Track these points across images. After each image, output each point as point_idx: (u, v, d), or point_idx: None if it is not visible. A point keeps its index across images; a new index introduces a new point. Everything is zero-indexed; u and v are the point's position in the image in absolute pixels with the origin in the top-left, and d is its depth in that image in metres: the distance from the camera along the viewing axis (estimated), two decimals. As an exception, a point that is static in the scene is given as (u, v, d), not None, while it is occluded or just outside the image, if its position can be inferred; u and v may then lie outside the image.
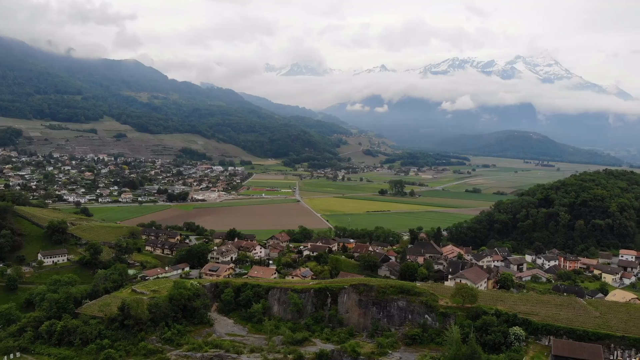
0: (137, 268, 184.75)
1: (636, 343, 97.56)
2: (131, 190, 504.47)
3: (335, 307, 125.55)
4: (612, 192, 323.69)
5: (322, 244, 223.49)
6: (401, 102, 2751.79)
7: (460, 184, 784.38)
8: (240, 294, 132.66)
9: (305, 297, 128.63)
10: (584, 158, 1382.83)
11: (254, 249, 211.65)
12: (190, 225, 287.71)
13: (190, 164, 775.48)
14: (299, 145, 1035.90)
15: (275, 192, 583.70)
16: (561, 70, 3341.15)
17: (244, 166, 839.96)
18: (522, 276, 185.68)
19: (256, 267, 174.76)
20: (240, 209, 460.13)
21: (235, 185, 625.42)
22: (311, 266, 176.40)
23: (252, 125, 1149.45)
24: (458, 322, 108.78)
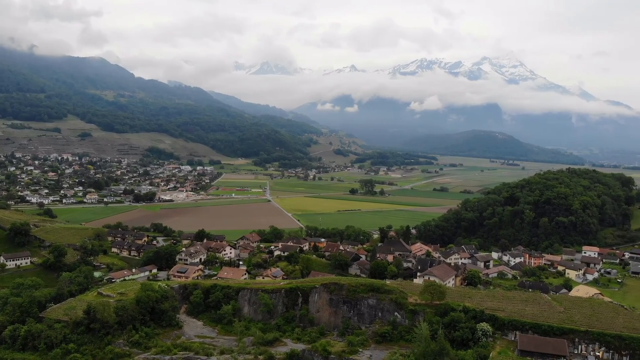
0: (103, 270, 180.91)
1: (599, 337, 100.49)
2: (97, 190, 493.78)
3: (306, 306, 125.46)
4: (575, 190, 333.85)
5: (293, 243, 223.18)
6: (371, 102, 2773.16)
7: (429, 183, 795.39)
8: (209, 296, 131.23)
9: (276, 298, 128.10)
10: (548, 157, 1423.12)
11: (223, 249, 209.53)
12: (158, 226, 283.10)
13: (157, 164, 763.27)
14: (270, 144, 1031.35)
15: (245, 192, 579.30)
16: (526, 72, 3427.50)
17: (213, 166, 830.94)
18: (489, 273, 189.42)
19: (226, 268, 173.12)
20: (210, 209, 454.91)
21: (204, 185, 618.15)
22: (282, 266, 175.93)
23: (222, 124, 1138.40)
24: (427, 319, 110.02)
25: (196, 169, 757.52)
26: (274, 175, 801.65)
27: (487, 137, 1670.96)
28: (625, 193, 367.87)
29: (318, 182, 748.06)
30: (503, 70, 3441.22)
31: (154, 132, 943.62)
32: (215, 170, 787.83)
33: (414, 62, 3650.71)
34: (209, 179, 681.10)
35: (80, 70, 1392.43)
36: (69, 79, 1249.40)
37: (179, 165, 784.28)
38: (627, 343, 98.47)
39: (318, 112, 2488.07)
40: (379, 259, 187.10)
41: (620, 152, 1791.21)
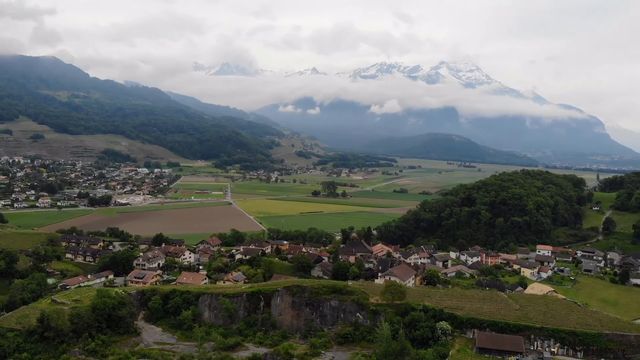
0: (57, 277, 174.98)
1: (554, 334, 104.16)
2: (50, 194, 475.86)
3: (268, 310, 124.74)
4: (529, 191, 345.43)
5: (255, 246, 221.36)
6: (332, 104, 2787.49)
7: (389, 184, 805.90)
8: (168, 301, 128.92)
9: (238, 302, 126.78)
10: (503, 159, 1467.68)
11: (182, 254, 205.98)
12: (114, 230, 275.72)
13: (113, 166, 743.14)
14: (231, 146, 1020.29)
15: (205, 195, 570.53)
16: (482, 76, 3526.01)
17: (172, 168, 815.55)
18: (447, 272, 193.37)
19: (185, 273, 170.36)
20: (168, 212, 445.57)
21: (162, 188, 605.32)
22: (244, 270, 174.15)
23: (180, 126, 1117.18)
24: (388, 319, 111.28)
25: (154, 172, 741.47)
26: (235, 177, 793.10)
27: (444, 140, 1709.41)
28: (576, 193, 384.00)
29: (280, 185, 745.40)
30: (460, 74, 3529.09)
31: (109, 134, 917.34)
32: (173, 172, 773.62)
33: (374, 65, 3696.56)
34: (167, 181, 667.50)
35: (32, 69, 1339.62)
36: (21, 79, 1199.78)
37: (136, 167, 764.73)
38: (580, 339, 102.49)
39: (280, 114, 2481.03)
40: (341, 260, 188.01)
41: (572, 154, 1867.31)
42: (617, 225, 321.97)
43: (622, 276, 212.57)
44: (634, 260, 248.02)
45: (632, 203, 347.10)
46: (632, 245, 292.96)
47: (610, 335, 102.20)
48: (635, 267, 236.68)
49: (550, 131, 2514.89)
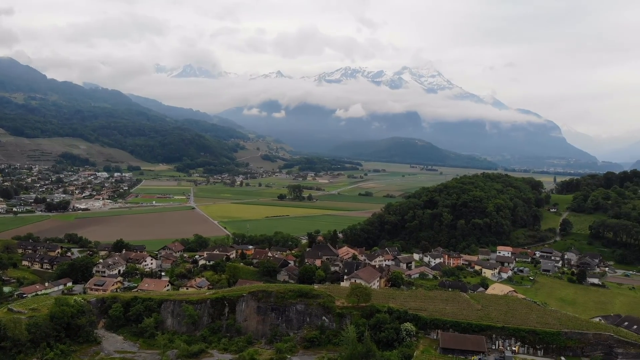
0: (13, 285, 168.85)
1: (515, 333, 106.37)
2: (5, 199, 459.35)
3: (233, 316, 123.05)
4: (489, 193, 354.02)
5: (220, 252, 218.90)
6: (298, 108, 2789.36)
7: (354, 187, 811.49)
8: (130, 309, 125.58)
9: (201, 308, 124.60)
10: (464, 162, 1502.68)
11: (144, 260, 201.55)
12: (73, 236, 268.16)
13: (71, 171, 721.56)
14: (194, 149, 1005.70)
15: (167, 200, 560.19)
16: (443, 81, 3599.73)
17: (132, 172, 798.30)
18: (411, 274, 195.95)
19: (147, 280, 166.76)
20: (129, 218, 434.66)
21: (123, 192, 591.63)
22: (207, 276, 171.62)
23: (141, 129, 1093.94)
24: (354, 322, 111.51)
25: (114, 176, 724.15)
26: (198, 181, 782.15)
27: (407, 144, 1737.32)
28: (535, 196, 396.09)
29: (245, 188, 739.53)
30: (422, 79, 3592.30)
31: (67, 137, 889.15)
32: (134, 176, 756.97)
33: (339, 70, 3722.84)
34: (127, 186, 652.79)
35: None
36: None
37: (95, 171, 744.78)
38: (540, 337, 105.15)
39: (245, 117, 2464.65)
40: (308, 264, 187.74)
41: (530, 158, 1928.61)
42: (574, 226, 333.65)
43: (579, 276, 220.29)
44: (590, 260, 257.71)
45: (588, 205, 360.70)
46: (588, 245, 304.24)
47: (569, 334, 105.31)
48: (592, 267, 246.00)
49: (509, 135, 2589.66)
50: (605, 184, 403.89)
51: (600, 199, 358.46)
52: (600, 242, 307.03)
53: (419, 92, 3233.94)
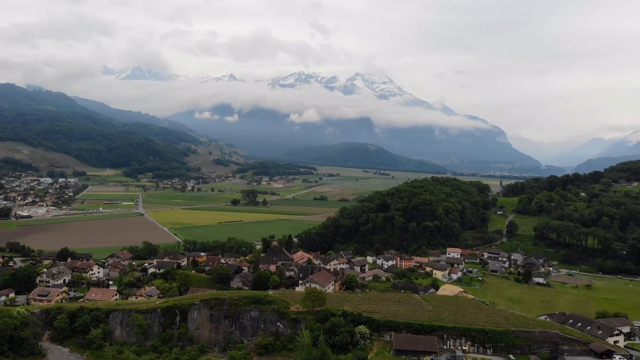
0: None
1: (465, 332, 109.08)
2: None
3: (185, 324, 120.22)
4: (439, 197, 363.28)
5: (170, 259, 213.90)
6: (251, 112, 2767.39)
7: (309, 192, 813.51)
8: (76, 320, 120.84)
9: (152, 318, 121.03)
10: (415, 167, 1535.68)
11: (90, 269, 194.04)
12: (15, 245, 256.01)
13: (13, 176, 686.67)
14: (142, 154, 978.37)
15: (115, 206, 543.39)
16: (394, 88, 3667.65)
17: (78, 177, 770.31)
18: (365, 276, 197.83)
19: (94, 289, 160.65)
20: (74, 225, 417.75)
21: (68, 199, 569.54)
22: (158, 284, 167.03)
23: (87, 132, 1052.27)
24: (308, 327, 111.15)
25: (58, 182, 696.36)
26: (147, 186, 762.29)
27: (361, 149, 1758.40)
28: (482, 199, 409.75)
29: (197, 194, 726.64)
30: (374, 86, 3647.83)
31: (9, 141, 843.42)
32: (80, 182, 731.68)
33: (293, 75, 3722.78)
34: (73, 192, 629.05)
35: None
36: None
37: (39, 177, 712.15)
38: (489, 336, 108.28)
39: (196, 121, 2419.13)
40: (262, 269, 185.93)
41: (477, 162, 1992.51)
42: (519, 227, 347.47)
43: (525, 275, 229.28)
44: (535, 261, 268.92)
45: (532, 207, 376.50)
46: (533, 246, 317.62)
47: (517, 332, 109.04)
48: (537, 267, 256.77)
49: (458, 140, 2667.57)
50: (549, 187, 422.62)
51: (544, 201, 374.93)
52: (544, 243, 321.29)
53: (371, 98, 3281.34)
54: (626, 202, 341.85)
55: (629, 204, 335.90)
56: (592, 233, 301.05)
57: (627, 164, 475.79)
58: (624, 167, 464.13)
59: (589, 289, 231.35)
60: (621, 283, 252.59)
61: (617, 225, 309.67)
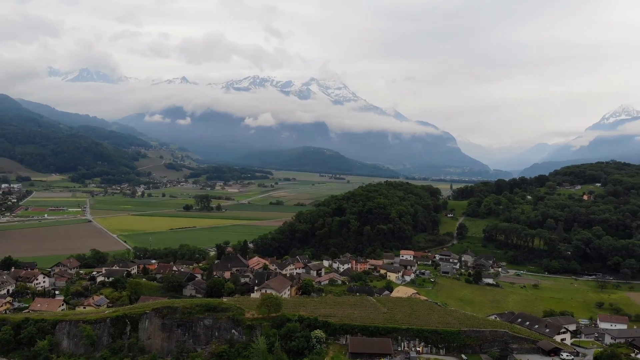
0: None
1: (419, 333, 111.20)
2: None
3: (135, 334, 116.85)
4: (392, 200, 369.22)
5: (119, 267, 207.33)
6: (205, 115, 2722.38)
7: (265, 197, 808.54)
8: (21, 331, 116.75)
9: (101, 328, 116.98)
10: (369, 171, 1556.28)
11: (35, 278, 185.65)
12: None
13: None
14: (90, 158, 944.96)
15: (61, 212, 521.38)
16: (349, 94, 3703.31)
17: (22, 183, 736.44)
18: (321, 281, 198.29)
19: (39, 300, 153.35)
20: (18, 232, 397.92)
21: (11, 205, 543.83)
22: (107, 293, 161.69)
23: (32, 136, 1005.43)
24: (264, 333, 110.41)
25: (0, 187, 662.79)
26: (95, 192, 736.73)
27: (316, 153, 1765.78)
28: (433, 202, 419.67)
29: (148, 199, 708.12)
30: (329, 91, 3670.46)
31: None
32: (24, 188, 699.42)
33: (247, 78, 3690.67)
34: (16, 198, 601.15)
35: None
36: None
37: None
38: (442, 337, 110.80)
39: (146, 124, 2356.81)
40: (216, 276, 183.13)
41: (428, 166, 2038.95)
42: (469, 230, 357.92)
43: (475, 276, 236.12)
44: (485, 262, 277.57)
45: (481, 210, 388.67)
46: (482, 248, 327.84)
47: (468, 332, 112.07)
48: (487, 268, 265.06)
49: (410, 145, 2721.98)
50: (497, 191, 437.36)
51: (492, 204, 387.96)
52: (493, 245, 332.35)
53: (326, 103, 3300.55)
54: (570, 204, 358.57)
55: (573, 206, 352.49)
56: (538, 234, 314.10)
57: (570, 168, 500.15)
58: (568, 170, 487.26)
59: (536, 288, 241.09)
60: (566, 282, 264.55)
61: (561, 226, 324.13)
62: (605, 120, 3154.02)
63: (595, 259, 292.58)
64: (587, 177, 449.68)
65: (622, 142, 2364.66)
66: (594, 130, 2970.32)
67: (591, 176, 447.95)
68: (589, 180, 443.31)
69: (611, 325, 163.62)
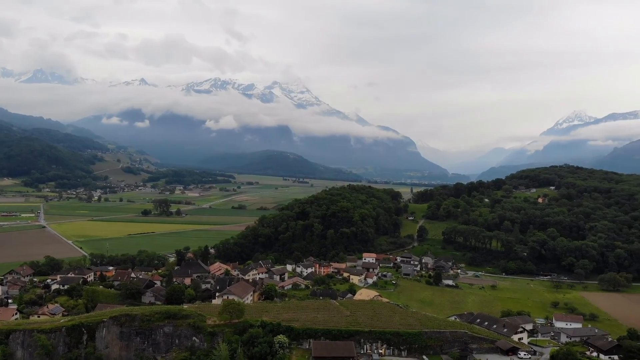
0: None
1: (381, 336, 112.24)
2: None
3: (92, 343, 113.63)
4: (355, 204, 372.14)
5: (75, 274, 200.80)
6: (164, 117, 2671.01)
7: (227, 201, 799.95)
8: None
9: (56, 337, 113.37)
10: (332, 175, 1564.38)
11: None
12: None
13: None
14: (44, 162, 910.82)
15: (13, 218, 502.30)
16: (312, 98, 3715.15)
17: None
18: (285, 285, 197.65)
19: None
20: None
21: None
22: (62, 301, 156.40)
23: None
24: (226, 339, 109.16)
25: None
26: (49, 197, 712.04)
27: (280, 157, 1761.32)
28: (394, 205, 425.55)
29: (104, 204, 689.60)
30: (292, 95, 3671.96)
31: None
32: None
33: (208, 80, 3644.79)
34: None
35: None
36: None
37: None
38: (404, 339, 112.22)
39: (103, 126, 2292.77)
40: (176, 283, 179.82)
41: (390, 170, 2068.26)
42: (429, 232, 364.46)
43: (435, 278, 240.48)
44: (444, 263, 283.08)
45: (440, 213, 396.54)
46: (442, 250, 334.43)
47: (429, 333, 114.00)
48: (446, 270, 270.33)
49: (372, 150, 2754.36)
50: (455, 194, 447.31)
51: (451, 207, 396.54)
52: (452, 247, 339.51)
53: (289, 107, 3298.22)
54: (525, 207, 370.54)
55: (528, 209, 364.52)
56: (496, 236, 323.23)
57: (525, 172, 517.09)
58: (523, 174, 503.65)
59: (494, 289, 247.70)
60: (523, 283, 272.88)
61: (517, 228, 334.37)
62: (559, 125, 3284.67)
63: (550, 259, 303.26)
64: (541, 181, 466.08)
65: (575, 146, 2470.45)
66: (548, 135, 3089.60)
67: (546, 180, 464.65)
68: (544, 183, 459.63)
69: (566, 324, 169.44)
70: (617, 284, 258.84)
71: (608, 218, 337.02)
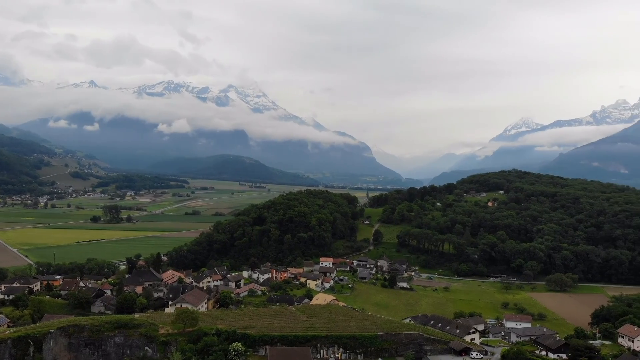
0: None
1: (337, 340, 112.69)
2: None
3: (39, 355, 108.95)
4: (312, 208, 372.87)
5: (21, 284, 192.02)
6: (114, 121, 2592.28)
7: (180, 207, 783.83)
8: None
9: (1, 350, 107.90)
10: (289, 180, 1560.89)
11: None
12: None
13: None
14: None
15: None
16: (268, 102, 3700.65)
17: None
18: (240, 292, 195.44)
19: None
20: None
21: None
22: (7, 312, 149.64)
23: None
24: (180, 348, 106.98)
25: None
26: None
27: (236, 161, 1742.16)
28: (351, 209, 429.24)
29: (51, 210, 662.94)
30: (248, 99, 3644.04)
31: None
32: None
33: (161, 83, 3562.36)
34: None
35: None
36: None
37: None
38: (360, 342, 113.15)
39: (50, 130, 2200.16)
40: (127, 291, 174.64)
41: (346, 175, 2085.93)
42: (384, 236, 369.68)
43: (390, 281, 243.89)
44: (399, 266, 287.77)
45: (395, 217, 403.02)
46: (397, 253, 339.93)
47: (384, 336, 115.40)
48: (401, 272, 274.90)
49: (328, 155, 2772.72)
50: (409, 198, 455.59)
51: (405, 211, 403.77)
52: (406, 250, 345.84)
53: (245, 111, 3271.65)
54: (476, 210, 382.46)
55: (479, 212, 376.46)
56: (448, 239, 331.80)
57: (476, 177, 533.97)
58: (474, 179, 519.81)
59: (447, 291, 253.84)
60: (475, 284, 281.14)
61: (469, 232, 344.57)
62: (508, 132, 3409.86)
63: (500, 261, 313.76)
64: (491, 185, 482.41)
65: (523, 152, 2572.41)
66: (498, 141, 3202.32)
67: (495, 184, 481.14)
68: (493, 187, 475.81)
69: (516, 324, 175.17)
70: (564, 285, 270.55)
71: (554, 221, 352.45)
